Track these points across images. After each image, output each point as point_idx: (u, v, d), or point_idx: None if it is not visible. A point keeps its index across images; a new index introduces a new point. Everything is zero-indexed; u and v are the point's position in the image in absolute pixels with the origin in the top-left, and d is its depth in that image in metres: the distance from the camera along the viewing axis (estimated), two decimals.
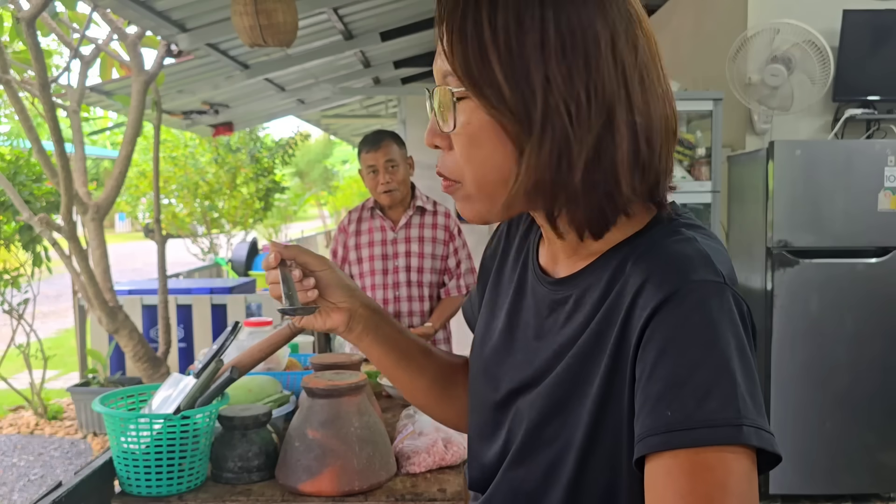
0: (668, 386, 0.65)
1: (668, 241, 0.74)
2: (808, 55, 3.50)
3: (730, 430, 0.63)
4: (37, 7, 3.42)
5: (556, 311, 0.81)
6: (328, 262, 0.95)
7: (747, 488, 0.63)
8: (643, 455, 0.66)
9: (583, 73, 0.68)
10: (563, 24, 0.68)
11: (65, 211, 3.67)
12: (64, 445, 4.81)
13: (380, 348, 0.98)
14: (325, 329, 0.95)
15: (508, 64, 0.68)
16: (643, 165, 0.72)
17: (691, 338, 0.66)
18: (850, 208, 3.44)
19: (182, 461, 1.40)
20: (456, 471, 1.55)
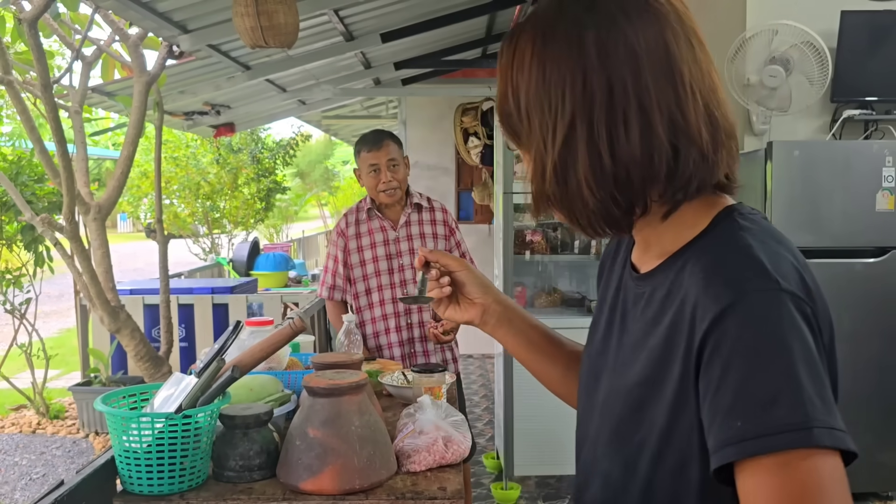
0: (736, 398, 0.69)
1: (722, 246, 0.78)
2: (807, 56, 3.51)
3: (802, 433, 0.66)
4: (39, 8, 3.43)
5: (636, 305, 0.88)
6: (466, 264, 1.11)
7: (832, 486, 0.66)
8: (721, 466, 0.70)
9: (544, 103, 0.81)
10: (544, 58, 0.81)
11: (67, 211, 3.68)
12: (66, 444, 4.83)
13: (513, 340, 1.10)
14: (463, 321, 1.10)
15: (513, 103, 0.84)
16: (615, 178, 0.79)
17: (752, 349, 0.69)
18: (849, 208, 3.45)
19: (184, 460, 1.41)
20: (456, 469, 1.56)
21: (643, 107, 0.77)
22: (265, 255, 7.90)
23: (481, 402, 5.50)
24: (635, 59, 0.78)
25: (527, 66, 0.81)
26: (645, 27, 0.78)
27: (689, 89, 0.79)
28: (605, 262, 1.04)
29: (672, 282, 0.81)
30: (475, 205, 9.34)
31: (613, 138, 0.78)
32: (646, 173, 0.79)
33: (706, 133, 0.79)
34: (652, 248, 0.88)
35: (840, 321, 3.43)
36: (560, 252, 4.17)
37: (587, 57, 0.78)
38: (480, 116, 7.20)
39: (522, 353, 1.11)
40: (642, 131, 0.78)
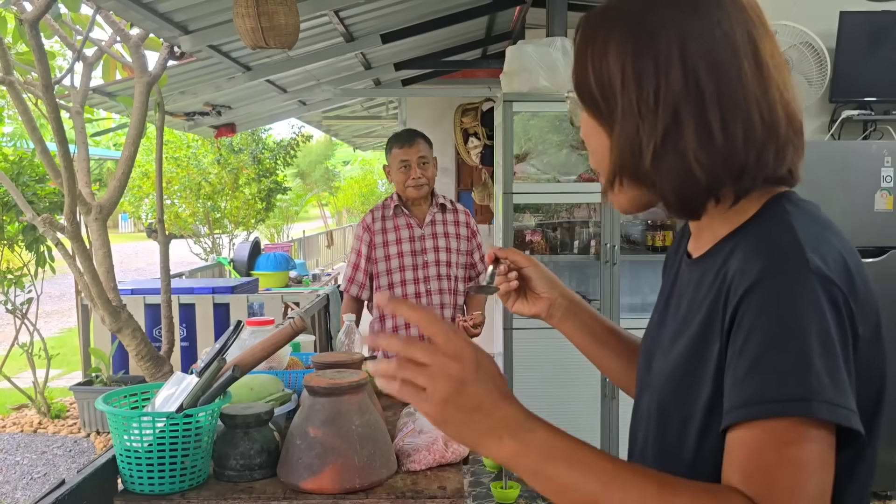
0: (750, 369, 0.74)
1: (767, 229, 0.82)
2: (806, 56, 3.52)
3: (801, 404, 0.71)
4: (40, 9, 3.44)
5: (688, 288, 0.92)
6: (533, 260, 1.16)
7: (816, 459, 0.71)
8: (725, 430, 0.76)
9: (651, 81, 0.82)
10: (638, 43, 0.83)
11: (68, 211, 3.69)
12: (67, 444, 4.84)
13: (578, 333, 1.16)
14: (531, 314, 1.16)
15: (599, 79, 0.86)
16: (721, 156, 0.82)
17: (771, 324, 0.74)
18: (847, 209, 3.46)
19: (184, 459, 1.42)
20: (456, 468, 1.56)
21: (744, 93, 0.81)
22: (266, 255, 7.91)
23: None
24: (735, 52, 0.82)
25: (618, 45, 0.84)
26: (738, 20, 0.83)
27: (774, 83, 0.83)
28: (669, 259, 1.09)
29: (720, 264, 0.85)
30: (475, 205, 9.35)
31: (725, 118, 0.81)
32: (743, 158, 0.82)
33: (784, 127, 0.83)
34: (704, 234, 0.92)
35: None
36: (560, 252, 4.18)
37: (689, 43, 0.82)
38: (480, 117, 7.21)
39: (588, 345, 1.17)
40: (744, 116, 0.81)
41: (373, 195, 25.20)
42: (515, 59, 3.84)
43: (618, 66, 0.84)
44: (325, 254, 14.60)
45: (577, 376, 3.67)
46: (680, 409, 0.85)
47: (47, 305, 8.66)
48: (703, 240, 0.92)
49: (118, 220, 26.65)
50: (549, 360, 3.69)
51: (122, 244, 19.57)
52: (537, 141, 3.94)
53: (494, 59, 7.70)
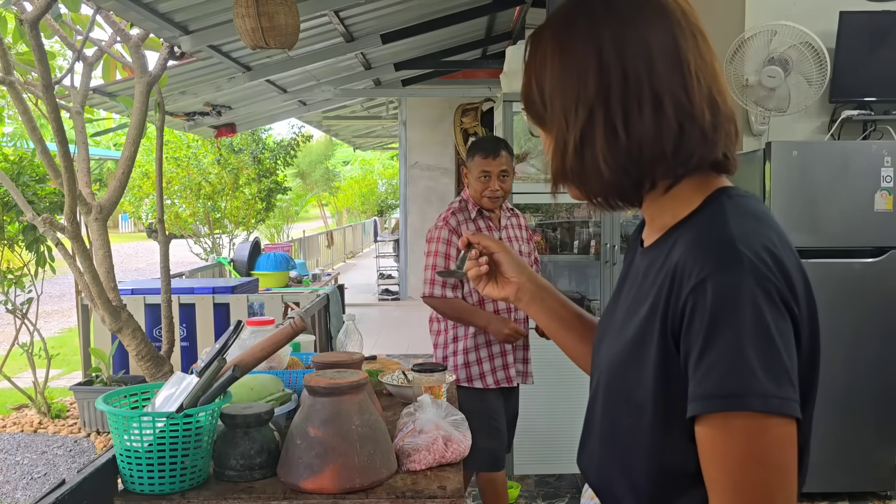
0: (697, 365, 0.82)
1: (705, 224, 0.89)
2: (805, 57, 3.52)
3: (735, 399, 0.78)
4: (40, 9, 3.44)
5: (637, 275, 0.99)
6: (503, 245, 1.22)
7: (768, 451, 0.79)
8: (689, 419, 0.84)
9: (572, 89, 0.91)
10: (563, 53, 0.92)
11: (68, 211, 3.69)
12: (67, 444, 4.84)
13: (545, 316, 1.22)
14: (500, 297, 1.22)
15: (539, 90, 0.95)
16: (626, 154, 0.89)
17: (711, 324, 0.81)
18: (847, 209, 3.46)
19: (185, 459, 1.42)
20: (456, 468, 1.56)
21: (654, 91, 0.88)
22: (266, 255, 7.91)
23: None
24: (648, 52, 0.89)
25: (549, 59, 0.93)
26: (655, 23, 0.90)
27: (694, 76, 0.90)
28: (629, 247, 1.15)
29: (665, 254, 0.91)
30: None
31: (628, 118, 0.89)
32: (655, 149, 0.89)
33: (708, 115, 0.90)
34: (655, 224, 0.98)
35: (839, 321, 3.47)
36: (559, 252, 4.18)
37: (606, 51, 0.90)
38: (480, 117, 7.21)
39: (553, 328, 1.22)
40: (653, 111, 0.88)
41: (373, 195, 25.21)
42: (515, 59, 3.85)
43: (547, 77, 0.94)
44: (325, 254, 14.61)
45: (577, 375, 3.67)
46: (627, 393, 0.91)
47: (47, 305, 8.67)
48: (652, 229, 0.99)
49: (118, 220, 26.66)
50: (549, 360, 3.68)
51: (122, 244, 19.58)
52: (537, 141, 3.93)
53: (494, 59, 7.71)
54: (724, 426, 0.79)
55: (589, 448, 1.03)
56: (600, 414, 0.99)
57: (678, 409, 0.85)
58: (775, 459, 0.79)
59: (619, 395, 0.94)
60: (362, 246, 20.69)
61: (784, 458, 0.79)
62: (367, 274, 13.24)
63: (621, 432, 0.94)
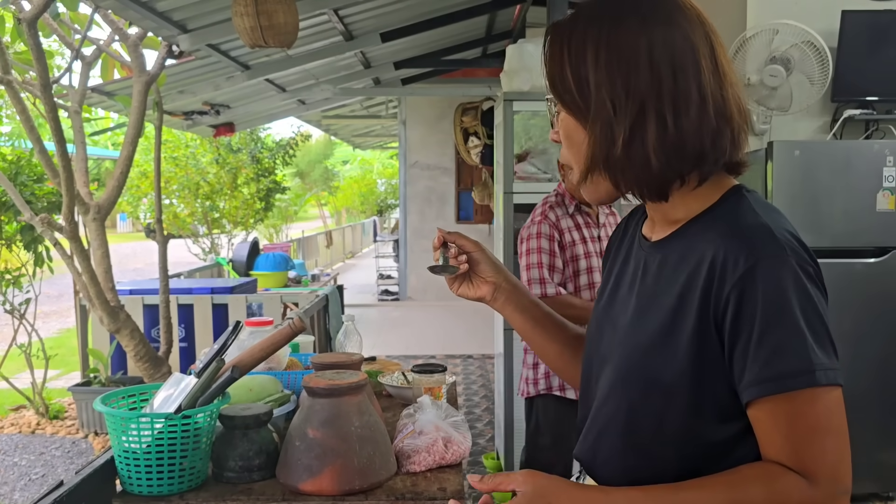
0: (756, 348, 0.88)
1: (735, 216, 0.95)
2: (807, 56, 3.51)
3: (807, 376, 0.86)
4: (38, 8, 3.43)
5: (648, 268, 1.03)
6: (480, 245, 1.22)
7: (831, 415, 0.88)
8: (748, 402, 0.90)
9: (622, 81, 0.94)
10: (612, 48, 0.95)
11: (66, 211, 3.68)
12: (65, 445, 4.82)
13: (519, 316, 1.23)
14: (475, 297, 1.22)
15: (577, 79, 0.96)
16: (674, 147, 0.93)
17: (767, 308, 0.87)
18: (849, 208, 3.45)
19: (183, 460, 1.41)
20: (456, 470, 1.56)
21: (701, 91, 0.94)
22: (265, 255, 7.91)
23: (481, 402, 5.50)
24: (695, 54, 0.95)
25: (593, 52, 0.95)
26: (696, 29, 0.96)
27: (728, 80, 0.96)
28: (613, 243, 1.19)
29: (686, 246, 0.97)
30: (475, 205, 9.32)
31: (678, 114, 0.93)
32: (697, 146, 0.94)
33: (737, 117, 0.96)
34: (666, 218, 1.02)
35: (840, 321, 3.45)
36: None
37: (657, 49, 0.94)
38: (480, 116, 7.19)
39: (528, 329, 1.24)
40: (698, 110, 0.93)
41: (372, 195, 25.20)
42: (516, 57, 3.83)
43: (594, 68, 0.95)
44: (324, 254, 14.60)
45: None
46: (654, 380, 0.96)
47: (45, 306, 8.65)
48: (662, 224, 1.03)
49: (116, 219, 26.65)
50: None
51: (120, 244, 19.58)
52: (538, 140, 3.93)
53: (494, 58, 7.70)
54: (789, 402, 0.87)
55: (594, 439, 1.05)
56: (615, 404, 1.01)
57: (710, 392, 0.92)
58: (837, 425, 0.88)
59: (643, 383, 0.97)
60: (362, 246, 20.69)
61: (842, 423, 0.89)
62: (367, 274, 13.24)
63: (646, 419, 0.97)
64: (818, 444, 0.88)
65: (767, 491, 0.89)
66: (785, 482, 0.88)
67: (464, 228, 9.91)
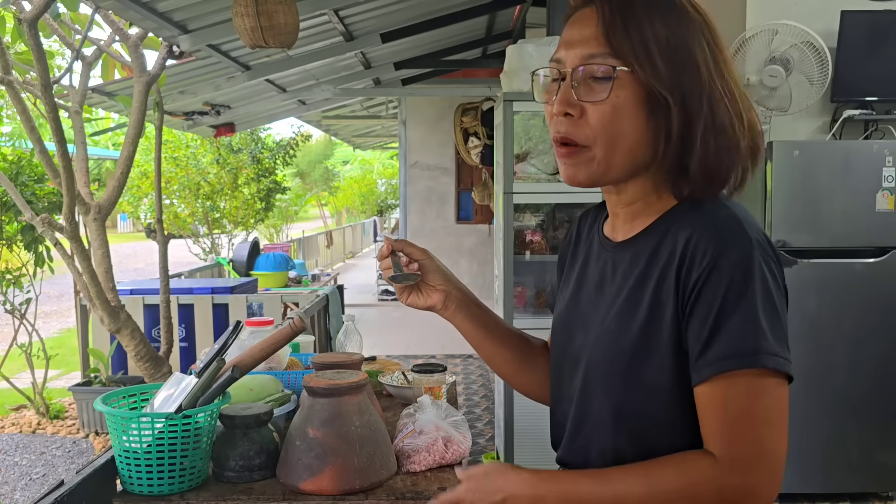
0: (711, 333, 0.88)
1: (708, 211, 0.94)
2: (807, 56, 3.51)
3: (751, 357, 0.86)
4: (39, 8, 3.43)
5: (616, 268, 1.02)
6: (428, 253, 1.19)
7: (771, 407, 0.88)
8: (694, 387, 0.91)
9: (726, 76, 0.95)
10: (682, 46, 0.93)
11: (67, 211, 3.68)
12: (66, 444, 4.83)
13: (470, 324, 1.20)
14: (426, 306, 1.19)
15: (666, 52, 0.92)
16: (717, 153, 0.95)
17: (728, 294, 0.88)
18: (849, 208, 3.45)
19: (183, 460, 1.41)
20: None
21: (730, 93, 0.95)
22: (265, 256, 7.90)
23: (481, 402, 5.50)
24: (723, 51, 0.96)
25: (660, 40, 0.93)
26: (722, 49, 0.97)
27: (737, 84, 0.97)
28: (567, 249, 1.19)
29: (658, 240, 0.96)
30: (475, 205, 9.31)
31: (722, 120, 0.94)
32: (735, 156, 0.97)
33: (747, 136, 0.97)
34: (637, 219, 1.01)
35: (840, 321, 3.46)
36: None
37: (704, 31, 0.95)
38: (480, 116, 7.19)
39: (479, 338, 1.21)
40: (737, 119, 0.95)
41: (372, 195, 25.19)
42: (516, 58, 3.83)
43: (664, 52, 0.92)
44: (324, 254, 14.60)
45: None
46: (640, 379, 0.95)
47: (46, 306, 8.66)
48: (634, 224, 1.02)
49: (117, 219, 26.64)
50: None
51: (120, 244, 19.57)
52: (538, 140, 3.93)
53: (494, 59, 7.70)
54: (731, 384, 0.87)
55: (580, 442, 1.04)
56: (599, 405, 1.00)
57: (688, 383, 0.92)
58: (776, 417, 0.88)
59: (629, 383, 0.96)
60: (362, 246, 20.68)
61: (782, 416, 0.88)
62: (367, 274, 13.24)
63: (636, 418, 0.97)
64: (749, 430, 0.87)
65: (679, 473, 0.89)
66: (698, 463, 0.89)
67: (464, 228, 9.92)
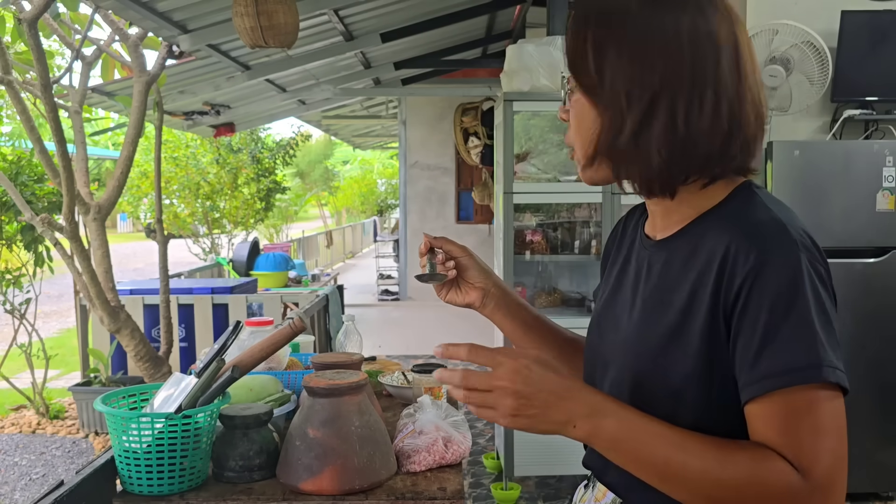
0: (763, 343, 0.84)
1: (748, 211, 0.91)
2: (807, 56, 3.51)
3: (813, 371, 0.82)
4: (39, 8, 3.43)
5: (652, 268, 1.00)
6: (468, 250, 1.18)
7: (836, 419, 0.83)
8: (746, 402, 0.86)
9: (638, 71, 0.91)
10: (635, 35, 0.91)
11: (67, 211, 3.68)
12: (66, 444, 4.83)
13: (511, 322, 1.19)
14: (464, 304, 1.18)
15: (598, 61, 0.93)
16: (681, 148, 0.90)
17: (778, 302, 0.83)
18: (849, 208, 3.45)
19: (183, 460, 1.41)
20: (455, 469, 1.55)
21: (716, 90, 0.90)
22: (265, 256, 7.91)
23: None
24: (717, 50, 0.91)
25: (618, 37, 0.92)
26: (722, 22, 0.92)
27: (747, 82, 0.92)
28: (612, 244, 1.16)
29: (694, 244, 0.93)
30: (475, 205, 9.31)
31: (690, 112, 0.90)
32: (705, 148, 0.91)
33: (752, 123, 0.92)
34: (672, 216, 0.99)
35: (840, 321, 3.44)
36: (560, 252, 4.17)
37: (680, 40, 0.90)
38: (480, 116, 7.19)
39: (519, 335, 1.20)
40: (711, 111, 0.90)
41: (372, 195, 25.20)
42: (516, 58, 3.83)
43: (615, 54, 0.91)
44: (324, 254, 14.60)
45: None
46: (664, 381, 0.93)
47: (46, 306, 8.65)
48: (669, 222, 0.99)
49: (117, 219, 26.64)
50: None
51: (120, 244, 19.57)
52: (538, 140, 3.93)
53: (494, 59, 7.71)
54: (793, 398, 0.82)
55: None
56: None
57: (720, 391, 0.89)
58: (839, 428, 0.83)
59: (654, 385, 0.95)
60: (362, 246, 20.69)
61: (844, 427, 0.84)
62: (367, 274, 13.23)
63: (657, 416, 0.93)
64: (818, 443, 0.82)
65: (753, 465, 0.83)
66: (774, 465, 0.82)
67: (464, 228, 9.92)
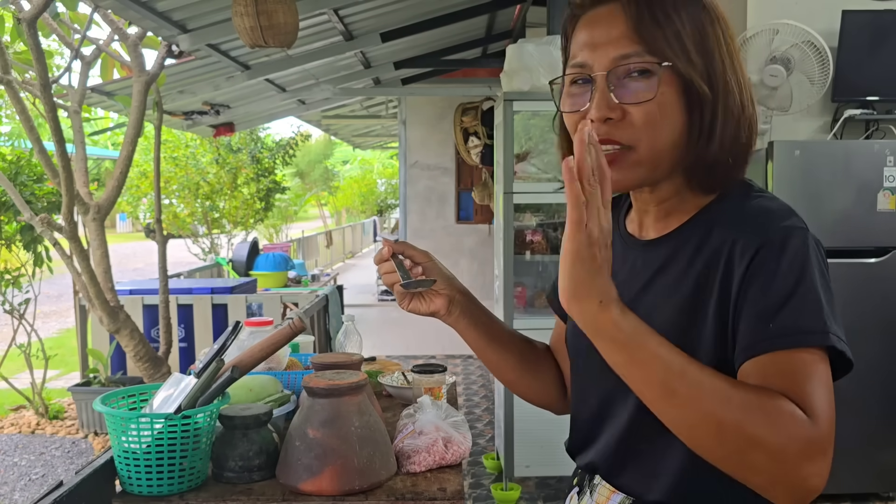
0: (770, 309, 0.83)
1: (750, 201, 0.92)
2: (808, 56, 3.51)
3: (821, 335, 0.82)
4: (38, 8, 3.43)
5: (647, 265, 0.97)
6: (430, 256, 1.11)
7: (830, 381, 0.83)
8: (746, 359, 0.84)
9: (735, 64, 0.93)
10: (722, 27, 0.92)
11: (66, 211, 3.68)
12: (65, 445, 4.82)
13: (474, 330, 1.13)
14: (429, 312, 1.10)
15: (700, 47, 0.90)
16: (742, 146, 0.93)
17: (785, 274, 0.84)
18: (850, 208, 3.45)
19: (183, 461, 1.41)
20: (455, 470, 1.55)
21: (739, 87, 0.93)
22: (265, 256, 7.91)
23: (481, 403, 5.49)
24: (734, 40, 0.94)
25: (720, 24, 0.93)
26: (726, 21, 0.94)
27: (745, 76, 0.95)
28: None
29: (701, 238, 0.92)
30: (475, 205, 9.30)
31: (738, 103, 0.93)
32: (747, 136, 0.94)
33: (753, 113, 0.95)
34: (671, 217, 0.98)
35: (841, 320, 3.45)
36: (560, 252, 4.16)
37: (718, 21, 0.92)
38: (481, 116, 7.18)
39: (483, 344, 1.15)
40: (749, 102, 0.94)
41: (372, 195, 25.20)
42: (516, 57, 3.83)
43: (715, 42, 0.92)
44: (324, 254, 14.60)
45: None
46: None
47: (45, 306, 8.65)
48: (665, 222, 0.98)
49: (116, 219, 26.64)
50: None
51: (120, 244, 19.57)
52: (538, 140, 3.93)
53: (495, 58, 7.70)
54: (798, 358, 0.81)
55: (605, 441, 1.02)
56: (633, 403, 0.94)
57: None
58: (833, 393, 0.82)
59: None
60: (362, 246, 20.69)
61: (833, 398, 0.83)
62: (367, 274, 13.23)
63: None
64: (823, 396, 0.80)
65: (763, 394, 0.80)
66: (784, 400, 0.79)
67: (464, 228, 9.92)
